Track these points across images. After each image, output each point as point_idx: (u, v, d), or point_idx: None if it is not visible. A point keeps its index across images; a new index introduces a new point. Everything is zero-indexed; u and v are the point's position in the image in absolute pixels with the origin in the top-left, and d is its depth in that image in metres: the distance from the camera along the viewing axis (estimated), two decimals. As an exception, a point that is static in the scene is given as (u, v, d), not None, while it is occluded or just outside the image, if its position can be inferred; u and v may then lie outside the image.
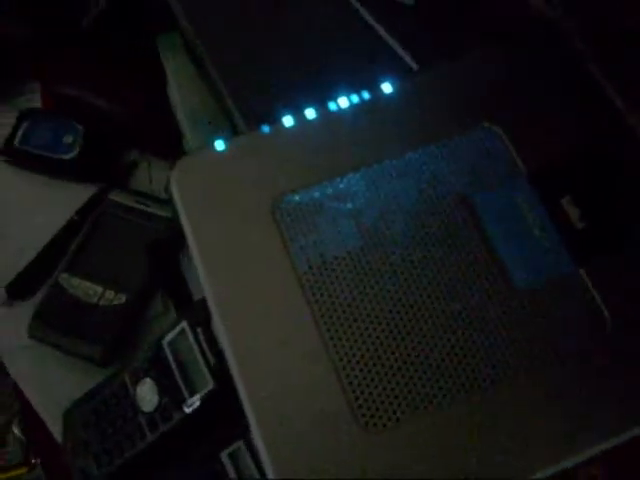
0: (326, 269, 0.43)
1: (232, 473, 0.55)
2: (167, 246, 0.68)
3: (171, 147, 0.74)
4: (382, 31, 0.54)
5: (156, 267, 0.67)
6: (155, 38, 0.62)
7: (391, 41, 0.53)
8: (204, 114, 0.56)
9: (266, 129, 0.47)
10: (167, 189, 0.71)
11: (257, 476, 0.54)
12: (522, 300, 0.42)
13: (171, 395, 0.55)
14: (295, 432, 0.39)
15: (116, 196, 0.73)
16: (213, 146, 0.46)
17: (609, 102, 0.46)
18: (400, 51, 0.53)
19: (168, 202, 0.71)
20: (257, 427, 0.39)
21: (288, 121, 0.47)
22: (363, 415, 0.39)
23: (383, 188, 0.45)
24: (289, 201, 0.45)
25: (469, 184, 0.46)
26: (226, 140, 0.46)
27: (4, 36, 0.80)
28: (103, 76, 0.78)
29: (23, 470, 1.43)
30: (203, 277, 0.43)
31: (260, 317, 0.42)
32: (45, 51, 0.80)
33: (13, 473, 1.42)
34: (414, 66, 0.53)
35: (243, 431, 0.55)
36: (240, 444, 0.56)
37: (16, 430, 1.44)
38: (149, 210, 0.72)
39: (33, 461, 1.41)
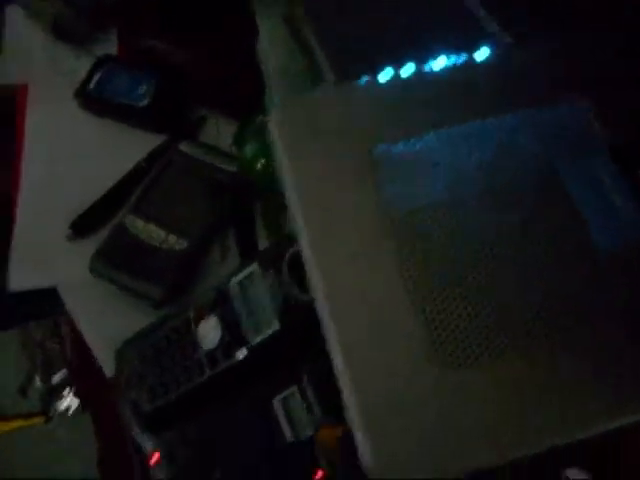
0: (414, 217, 0.45)
1: (283, 418, 0.56)
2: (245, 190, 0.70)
3: (240, 106, 0.76)
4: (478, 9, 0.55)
5: (232, 210, 0.69)
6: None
7: (485, 14, 0.55)
8: (293, 71, 0.58)
9: (365, 80, 0.48)
10: (236, 142, 0.73)
11: (308, 424, 0.55)
12: (604, 265, 0.43)
13: (234, 334, 0.57)
14: (379, 370, 0.41)
15: (185, 147, 0.75)
16: (314, 92, 0.48)
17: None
18: (493, 25, 0.54)
19: (233, 157, 0.74)
20: (344, 366, 0.41)
21: (387, 74, 0.48)
22: (442, 352, 0.41)
23: (474, 147, 0.47)
24: (383, 150, 0.46)
25: (553, 151, 0.47)
26: (327, 87, 0.48)
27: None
28: (181, 30, 0.80)
29: (41, 419, 1.46)
30: (297, 214, 0.45)
31: (350, 258, 0.44)
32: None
33: (32, 421, 1.45)
34: (507, 38, 0.54)
35: (300, 376, 0.57)
36: (294, 390, 0.57)
37: (37, 382, 1.46)
38: (215, 163, 0.73)
39: (50, 414, 1.44)
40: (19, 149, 0.78)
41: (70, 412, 1.38)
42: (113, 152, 0.78)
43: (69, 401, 1.37)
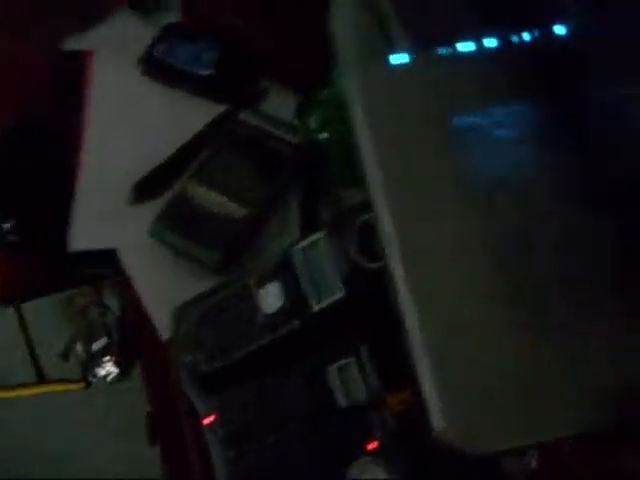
0: (486, 190, 0.45)
1: (338, 387, 0.57)
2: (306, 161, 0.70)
3: (302, 79, 0.77)
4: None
5: (293, 181, 0.70)
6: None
7: None
8: (367, 43, 0.58)
9: (444, 51, 0.48)
10: (300, 114, 0.74)
11: (363, 395, 0.56)
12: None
13: (296, 300, 0.57)
14: (455, 331, 0.41)
15: (247, 116, 0.75)
16: (394, 59, 0.48)
17: None
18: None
19: (295, 128, 0.74)
20: (417, 325, 0.41)
21: (467, 46, 0.48)
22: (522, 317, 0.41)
23: (550, 125, 0.47)
24: (463, 121, 0.46)
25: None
26: (408, 55, 0.48)
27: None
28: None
29: (81, 385, 1.49)
30: (376, 182, 0.45)
31: (426, 221, 0.44)
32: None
33: (68, 386, 1.48)
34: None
35: (358, 347, 0.57)
36: (352, 360, 0.57)
37: (79, 348, 1.49)
38: (276, 133, 0.74)
39: (90, 379, 1.47)
40: (84, 113, 0.79)
41: (109, 380, 1.40)
42: (176, 119, 0.79)
43: (108, 369, 1.40)
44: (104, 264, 0.77)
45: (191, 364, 0.64)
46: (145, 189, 0.74)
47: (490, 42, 0.49)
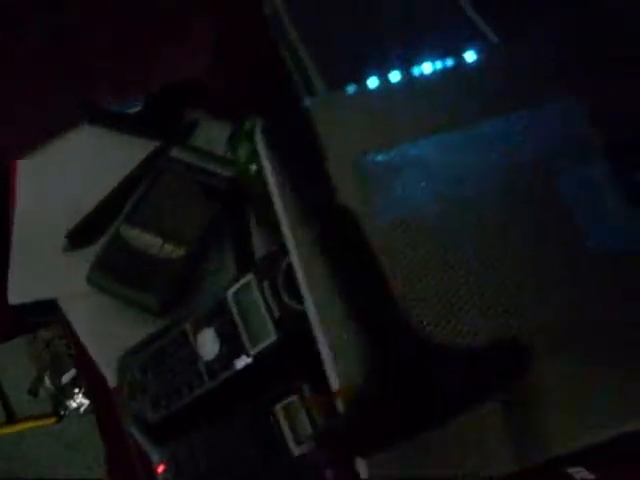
0: (402, 227, 0.45)
1: (285, 426, 0.57)
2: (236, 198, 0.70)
3: (233, 109, 0.76)
4: (465, 4, 0.54)
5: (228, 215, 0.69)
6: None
7: (473, 14, 0.54)
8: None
9: (352, 89, 0.48)
10: (230, 145, 0.73)
11: (309, 429, 0.56)
12: (593, 263, 0.43)
13: (232, 345, 0.57)
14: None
15: (177, 152, 0.74)
16: (304, 101, 0.48)
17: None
18: (480, 23, 0.54)
19: (228, 161, 0.73)
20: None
21: (373, 82, 0.48)
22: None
23: (462, 154, 0.46)
24: (371, 160, 0.46)
25: (547, 153, 0.47)
26: (312, 97, 0.48)
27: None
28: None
29: (53, 420, 1.48)
30: (284, 225, 0.45)
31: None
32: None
33: (43, 421, 1.46)
34: (494, 39, 0.53)
35: (299, 386, 0.57)
36: (294, 398, 0.57)
37: (47, 382, 1.47)
38: (210, 168, 0.73)
39: (62, 412, 1.45)
40: (14, 162, 0.78)
41: (81, 411, 1.39)
42: (108, 160, 0.77)
43: (79, 401, 1.38)
44: (48, 313, 0.75)
45: (138, 412, 0.63)
46: (80, 236, 0.73)
47: (397, 75, 0.49)
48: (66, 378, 1.43)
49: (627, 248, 0.44)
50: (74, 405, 1.41)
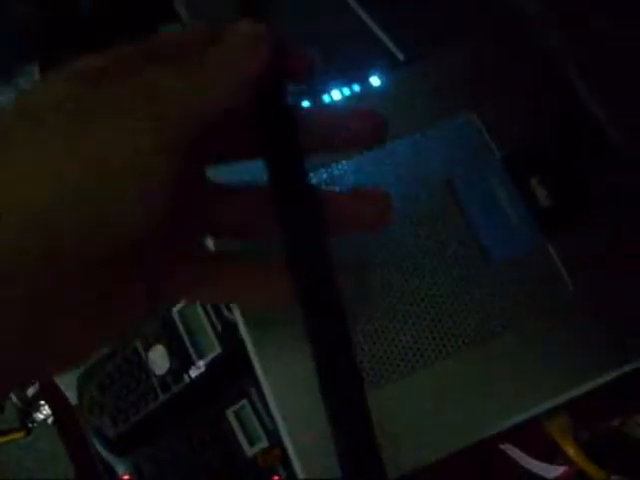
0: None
1: (238, 428, 0.61)
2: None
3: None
4: (369, 21, 0.58)
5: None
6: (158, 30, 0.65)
7: (378, 31, 0.58)
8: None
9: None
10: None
11: (260, 430, 0.60)
12: (497, 271, 0.48)
13: (182, 359, 0.61)
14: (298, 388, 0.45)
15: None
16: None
17: (577, 93, 0.52)
18: (388, 43, 0.58)
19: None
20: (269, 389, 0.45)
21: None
22: (368, 375, 0.45)
23: (372, 174, 0.50)
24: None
25: (449, 168, 0.51)
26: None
27: (9, 16, 0.83)
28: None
29: (21, 434, 1.50)
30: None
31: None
32: (45, 34, 0.83)
33: (12, 436, 1.48)
34: (400, 56, 0.57)
35: (247, 390, 0.61)
36: (244, 402, 0.61)
37: (13, 396, 1.49)
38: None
39: (30, 426, 1.47)
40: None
41: (49, 422, 1.40)
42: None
43: (46, 412, 1.40)
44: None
45: (98, 428, 0.67)
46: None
47: (305, 104, 0.52)
48: (31, 391, 1.44)
49: (525, 249, 0.49)
50: (41, 417, 1.43)
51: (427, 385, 0.46)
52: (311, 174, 0.50)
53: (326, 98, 0.52)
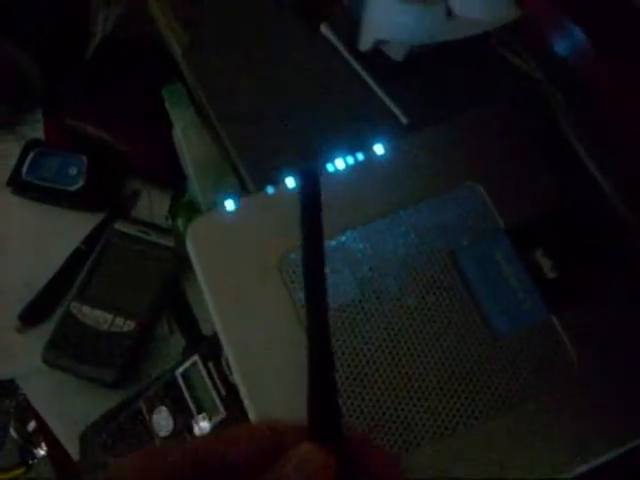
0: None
1: None
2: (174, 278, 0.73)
3: (171, 178, 0.79)
4: (376, 87, 0.59)
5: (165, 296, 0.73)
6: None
7: (384, 97, 0.58)
8: (209, 164, 0.61)
9: (271, 190, 0.52)
10: (171, 214, 0.76)
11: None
12: (502, 344, 0.48)
13: (185, 422, 0.61)
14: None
15: (120, 226, 0.77)
16: (223, 206, 0.51)
17: (582, 166, 0.52)
18: (392, 107, 0.58)
19: (169, 231, 0.77)
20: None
21: (290, 182, 0.52)
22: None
23: (377, 245, 0.51)
24: (293, 258, 0.50)
25: (454, 238, 0.51)
26: (234, 200, 0.51)
27: (10, 67, 0.83)
28: (105, 108, 0.82)
29: (22, 470, 1.49)
30: (219, 328, 0.49)
31: (267, 360, 0.48)
32: (49, 81, 0.84)
33: (13, 473, 1.47)
34: (404, 121, 0.58)
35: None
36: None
37: (13, 432, 1.48)
38: (152, 239, 0.76)
39: (30, 462, 1.47)
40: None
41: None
42: (53, 236, 0.80)
43: (47, 448, 1.39)
44: (7, 393, 0.78)
45: (101, 488, 0.66)
46: (32, 314, 0.76)
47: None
48: (31, 426, 1.44)
49: (530, 322, 0.49)
50: (42, 453, 1.43)
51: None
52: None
53: (330, 167, 0.52)
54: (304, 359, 0.37)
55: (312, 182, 0.28)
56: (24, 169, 0.81)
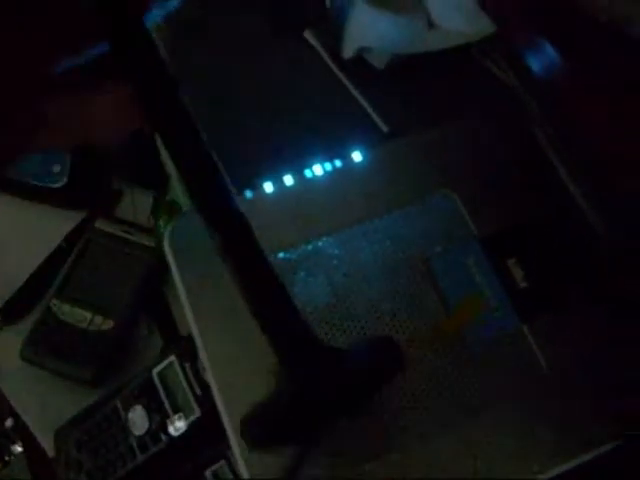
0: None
1: (215, 488, 0.61)
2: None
3: (154, 177, 0.79)
4: (357, 95, 0.59)
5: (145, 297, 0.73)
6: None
7: (365, 105, 0.59)
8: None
9: (249, 194, 0.52)
10: (153, 215, 0.77)
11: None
12: (472, 352, 0.49)
13: (161, 420, 0.61)
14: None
15: (102, 224, 0.78)
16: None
17: (556, 176, 0.53)
18: (373, 115, 0.59)
19: (151, 231, 0.77)
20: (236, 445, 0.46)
21: (268, 187, 0.52)
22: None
23: (353, 251, 0.51)
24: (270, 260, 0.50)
25: (428, 246, 0.52)
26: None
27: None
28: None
29: (-1, 465, 1.47)
30: (194, 329, 0.49)
31: (242, 362, 0.48)
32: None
33: (-11, 469, 1.46)
34: (385, 129, 0.58)
35: (225, 451, 0.61)
36: (223, 463, 0.62)
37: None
38: (133, 239, 0.77)
39: (6, 458, 1.46)
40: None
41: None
42: (33, 233, 0.80)
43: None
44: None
45: (75, 484, 0.67)
46: (12, 311, 0.76)
47: (288, 179, 0.53)
48: (8, 423, 1.43)
49: (501, 330, 0.50)
50: (19, 449, 1.42)
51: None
52: (297, 250, 0.51)
53: (308, 173, 0.53)
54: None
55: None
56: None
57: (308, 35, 0.63)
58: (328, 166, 0.53)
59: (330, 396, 0.29)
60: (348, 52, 0.61)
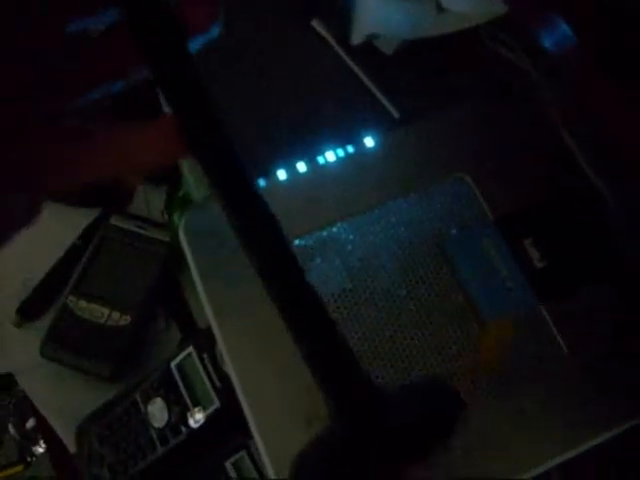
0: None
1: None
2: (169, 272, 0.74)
3: (167, 173, 0.80)
4: (367, 81, 0.59)
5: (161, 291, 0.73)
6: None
7: (375, 91, 0.59)
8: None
9: (262, 182, 0.52)
10: (167, 210, 0.77)
11: (259, 480, 0.61)
12: (489, 332, 0.49)
13: (180, 412, 0.61)
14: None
15: (116, 221, 0.78)
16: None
17: (570, 156, 0.53)
18: (384, 101, 0.59)
19: (165, 226, 0.77)
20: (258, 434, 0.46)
21: (282, 175, 0.53)
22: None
23: (368, 236, 0.51)
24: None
25: (443, 229, 0.52)
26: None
27: None
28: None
29: (20, 468, 1.49)
30: (211, 319, 0.49)
31: (260, 351, 0.48)
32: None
33: (11, 471, 1.48)
34: (396, 115, 0.58)
35: (245, 442, 0.62)
36: (243, 454, 0.62)
37: (12, 429, 1.49)
38: (147, 234, 0.77)
39: (29, 459, 1.47)
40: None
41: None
42: (49, 232, 0.80)
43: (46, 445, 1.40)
44: (6, 388, 0.79)
45: (97, 477, 0.67)
46: (30, 309, 0.76)
47: (302, 166, 0.53)
48: (30, 424, 1.44)
49: (518, 311, 0.50)
50: (40, 450, 1.43)
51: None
52: (312, 236, 0.51)
53: (320, 159, 0.53)
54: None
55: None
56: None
57: (316, 23, 0.63)
58: (341, 152, 0.53)
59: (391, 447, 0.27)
60: (357, 39, 0.61)
